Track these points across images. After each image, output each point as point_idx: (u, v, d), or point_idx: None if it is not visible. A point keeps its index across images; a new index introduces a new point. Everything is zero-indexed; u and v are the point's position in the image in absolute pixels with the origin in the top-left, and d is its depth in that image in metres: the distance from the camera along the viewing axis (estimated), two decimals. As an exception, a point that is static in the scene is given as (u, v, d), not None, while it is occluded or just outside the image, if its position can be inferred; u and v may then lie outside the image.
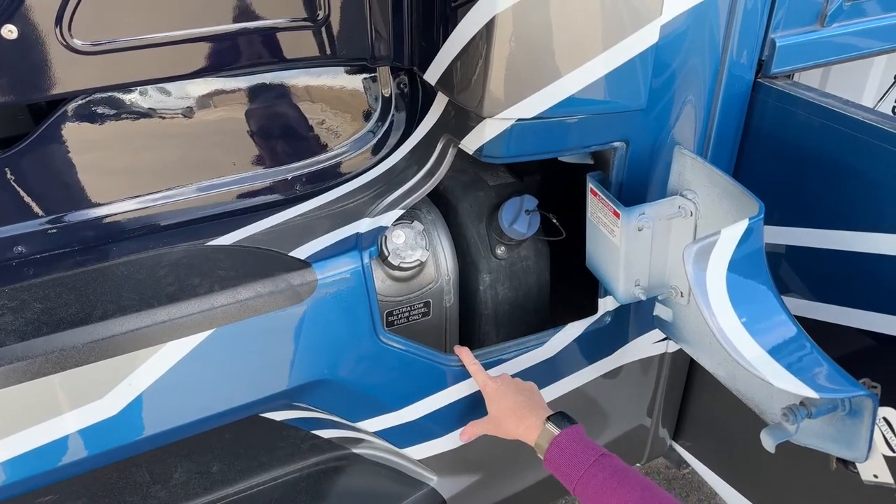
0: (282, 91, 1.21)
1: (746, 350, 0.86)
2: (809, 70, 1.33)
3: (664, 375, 1.55)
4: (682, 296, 1.20)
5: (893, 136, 1.01)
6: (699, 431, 1.67)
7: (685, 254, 0.89)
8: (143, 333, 0.98)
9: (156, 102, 1.13)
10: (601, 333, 1.39)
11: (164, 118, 1.14)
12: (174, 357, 1.02)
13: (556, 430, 1.10)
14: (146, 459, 1.34)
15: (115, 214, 1.14)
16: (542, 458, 1.11)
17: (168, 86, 1.13)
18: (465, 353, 1.26)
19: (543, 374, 1.37)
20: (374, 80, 1.28)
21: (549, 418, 1.12)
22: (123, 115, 1.11)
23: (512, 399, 1.18)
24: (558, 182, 1.59)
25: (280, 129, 1.25)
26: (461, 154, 1.22)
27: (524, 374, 1.34)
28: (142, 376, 1.00)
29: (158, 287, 1.04)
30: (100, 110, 1.09)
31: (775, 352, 0.87)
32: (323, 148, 1.28)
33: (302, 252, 1.13)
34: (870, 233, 1.09)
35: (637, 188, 1.22)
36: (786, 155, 1.21)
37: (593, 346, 1.40)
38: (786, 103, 1.16)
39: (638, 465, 1.76)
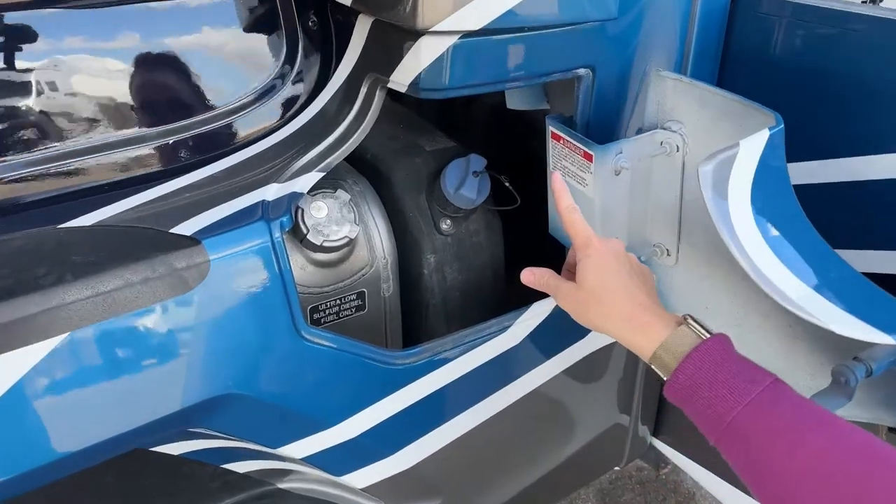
0: (160, 33, 0.95)
1: (794, 293, 0.64)
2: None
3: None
4: (668, 255, 1.00)
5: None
6: (680, 423, 1.48)
7: (700, 176, 0.67)
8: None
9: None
10: (572, 313, 1.16)
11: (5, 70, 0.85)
12: (12, 376, 0.73)
13: (704, 334, 0.73)
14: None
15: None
16: (664, 374, 0.73)
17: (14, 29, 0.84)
18: (558, 183, 0.91)
19: (508, 366, 1.13)
20: (274, 16, 1.03)
21: (687, 318, 0.76)
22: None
23: (624, 278, 0.79)
24: (505, 147, 1.38)
25: (157, 81, 0.98)
26: (390, 119, 1.02)
27: (485, 369, 1.10)
28: (-43, 406, 0.70)
29: (-17, 283, 0.75)
30: None
31: (828, 292, 0.66)
32: (214, 104, 1.01)
33: (187, 227, 0.86)
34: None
35: (607, 129, 1.01)
36: (775, 76, 1.02)
37: (564, 329, 1.17)
38: (772, 11, 0.98)
39: (617, 468, 1.55)
